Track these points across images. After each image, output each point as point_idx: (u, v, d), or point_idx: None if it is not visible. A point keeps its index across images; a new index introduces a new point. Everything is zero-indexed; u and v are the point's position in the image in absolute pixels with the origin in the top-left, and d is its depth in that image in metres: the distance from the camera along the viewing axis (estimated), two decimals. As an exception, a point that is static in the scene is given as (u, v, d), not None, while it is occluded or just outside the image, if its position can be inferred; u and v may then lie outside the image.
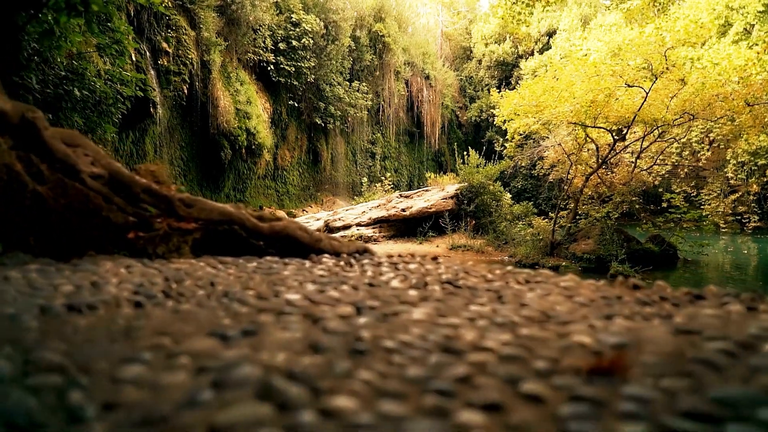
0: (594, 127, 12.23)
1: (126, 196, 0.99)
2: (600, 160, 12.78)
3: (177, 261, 0.91)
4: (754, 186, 19.87)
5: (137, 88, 9.26)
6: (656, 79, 11.22)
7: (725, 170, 20.35)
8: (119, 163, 1.04)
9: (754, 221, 19.55)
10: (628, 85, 11.56)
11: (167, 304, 0.65)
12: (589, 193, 13.43)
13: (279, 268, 0.89)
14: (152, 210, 1.03)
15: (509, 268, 0.93)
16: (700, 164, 20.38)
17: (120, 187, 0.99)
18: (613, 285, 0.86)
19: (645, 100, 11.27)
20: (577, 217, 13.17)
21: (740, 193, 20.31)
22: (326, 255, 1.05)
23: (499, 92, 14.66)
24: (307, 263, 0.97)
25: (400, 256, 1.10)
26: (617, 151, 12.90)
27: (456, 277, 0.83)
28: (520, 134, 13.66)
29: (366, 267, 0.92)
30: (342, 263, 0.97)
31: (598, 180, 13.41)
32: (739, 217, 20.00)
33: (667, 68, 11.14)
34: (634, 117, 11.38)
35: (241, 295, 0.66)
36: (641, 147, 13.11)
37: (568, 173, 13.67)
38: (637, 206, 12.66)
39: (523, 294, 0.73)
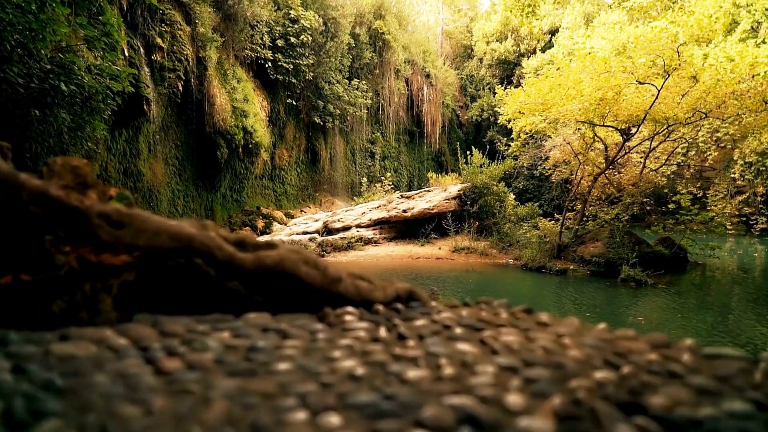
0: (603, 125, 11.82)
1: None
2: (609, 160, 12.38)
3: (79, 334, 0.49)
4: (761, 187, 19.47)
5: (129, 84, 8.83)
6: (668, 75, 10.83)
7: (732, 171, 19.97)
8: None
9: (762, 223, 19.16)
10: (640, 82, 11.16)
11: None
12: (597, 194, 13.03)
13: (268, 350, 0.47)
14: (59, 233, 0.60)
15: (697, 347, 0.51)
16: (707, 164, 20.00)
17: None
18: None
19: (656, 98, 10.88)
20: (584, 218, 12.76)
21: (746, 194, 19.92)
22: (350, 309, 0.63)
23: (504, 90, 14.24)
24: (321, 331, 0.55)
25: (466, 305, 0.68)
26: (627, 151, 12.50)
27: (623, 377, 0.41)
28: (526, 133, 13.24)
29: (429, 343, 0.50)
30: (382, 332, 0.55)
31: (606, 180, 13.01)
32: (745, 219, 19.65)
33: (680, 64, 10.75)
34: (645, 115, 10.97)
35: None
36: (650, 146, 12.71)
37: (576, 173, 13.27)
38: (648, 207, 12.26)
39: None
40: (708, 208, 15.87)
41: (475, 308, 0.65)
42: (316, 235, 14.49)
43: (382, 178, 20.42)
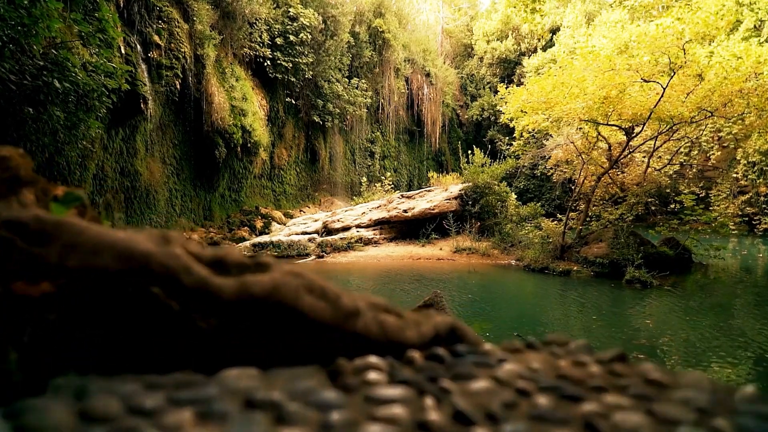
0: (607, 124, 11.64)
1: None
2: (612, 159, 12.20)
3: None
4: (763, 187, 19.35)
5: (125, 81, 8.63)
6: (674, 73, 10.64)
7: (735, 170, 19.83)
8: None
9: (765, 223, 19.03)
10: (645, 80, 10.97)
11: None
12: (600, 193, 12.85)
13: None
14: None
15: None
16: (710, 164, 19.87)
17: None
18: None
19: (662, 96, 10.69)
20: (588, 218, 12.58)
21: (749, 194, 19.79)
22: (374, 360, 0.44)
23: (506, 88, 14.04)
24: (334, 406, 0.36)
25: (531, 347, 0.49)
26: (630, 150, 12.32)
27: None
28: (529, 132, 13.05)
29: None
30: (430, 408, 0.35)
31: (609, 180, 12.84)
32: (748, 219, 19.52)
33: (685, 62, 10.56)
34: (650, 114, 10.79)
35: None
36: (654, 146, 12.54)
37: (579, 173, 13.08)
38: (653, 207, 12.08)
39: None
40: (711, 208, 15.72)
41: (547, 353, 0.46)
42: (315, 235, 14.30)
43: (382, 177, 20.23)
